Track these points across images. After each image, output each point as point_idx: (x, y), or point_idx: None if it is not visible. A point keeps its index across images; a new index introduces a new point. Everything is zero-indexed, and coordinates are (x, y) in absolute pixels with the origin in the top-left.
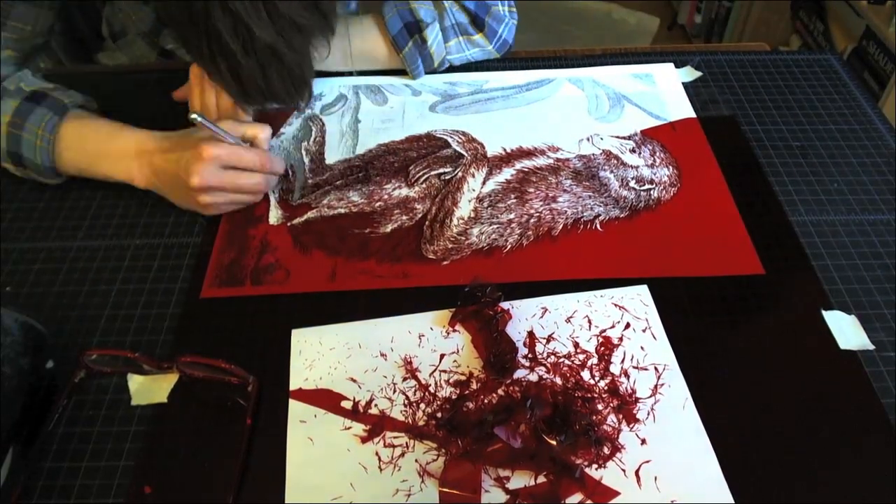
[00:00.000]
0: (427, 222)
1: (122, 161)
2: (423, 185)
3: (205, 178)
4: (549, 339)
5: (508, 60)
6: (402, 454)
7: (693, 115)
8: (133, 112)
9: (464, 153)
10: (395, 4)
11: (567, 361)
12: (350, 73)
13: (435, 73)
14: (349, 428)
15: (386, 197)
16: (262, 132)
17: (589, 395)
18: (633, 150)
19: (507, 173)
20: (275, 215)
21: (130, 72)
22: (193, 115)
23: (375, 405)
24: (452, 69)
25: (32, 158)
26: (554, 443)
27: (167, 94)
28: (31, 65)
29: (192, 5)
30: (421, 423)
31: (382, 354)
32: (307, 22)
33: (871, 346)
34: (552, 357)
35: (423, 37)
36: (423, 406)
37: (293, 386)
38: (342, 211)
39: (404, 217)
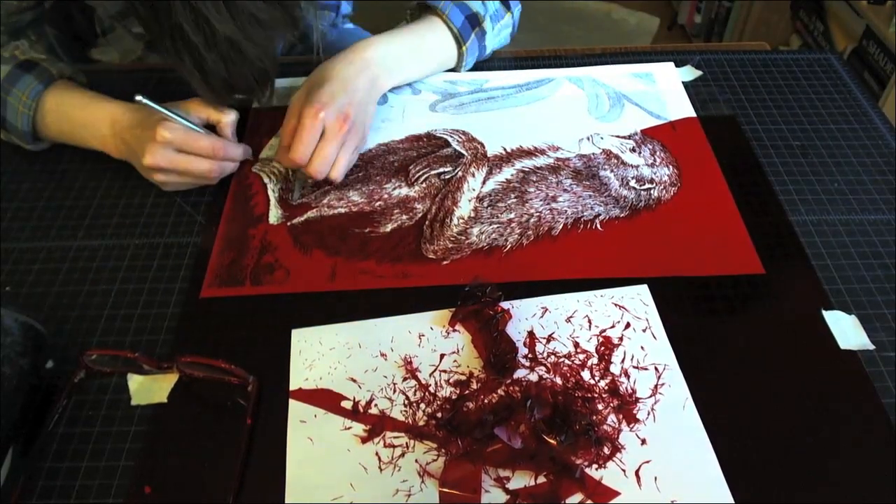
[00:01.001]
0: (427, 222)
1: (98, 131)
2: (423, 185)
3: (155, 159)
4: (550, 338)
5: (508, 60)
6: (402, 454)
7: (693, 114)
8: None
9: (464, 152)
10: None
11: (567, 361)
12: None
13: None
14: (349, 428)
15: (386, 196)
16: (226, 116)
17: (589, 395)
18: (633, 150)
19: (507, 173)
20: (275, 215)
21: (130, 70)
22: (139, 98)
23: (375, 405)
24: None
25: (14, 122)
26: (554, 443)
27: (165, 94)
28: (21, 39)
29: (155, 3)
30: (421, 423)
31: (382, 354)
32: (267, 16)
33: (872, 346)
34: (552, 357)
35: (482, 28)
36: (423, 406)
37: (293, 386)
38: (342, 210)
39: (404, 217)
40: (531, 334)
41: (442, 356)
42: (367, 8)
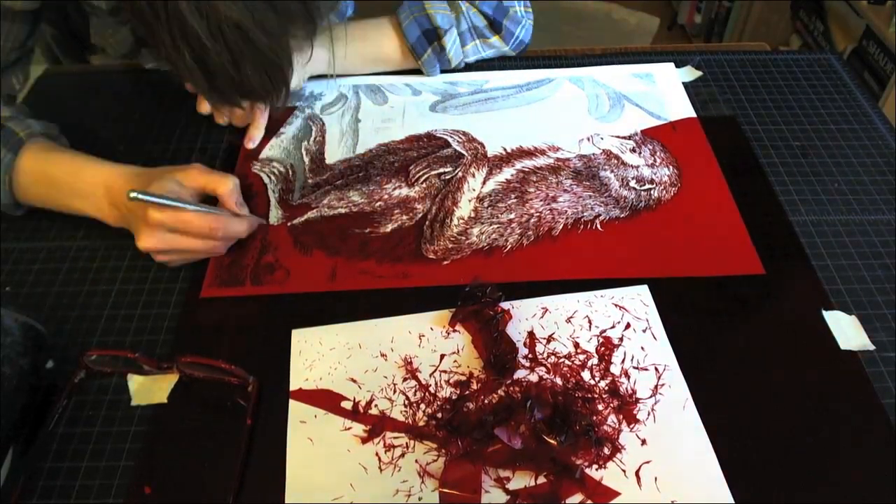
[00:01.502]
0: (427, 222)
1: (92, 198)
2: (424, 185)
3: (149, 243)
4: (550, 339)
5: (508, 60)
6: (403, 455)
7: (693, 114)
8: (131, 112)
9: (464, 153)
10: (410, 8)
11: (567, 362)
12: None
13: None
14: (349, 428)
15: (386, 197)
16: (223, 186)
17: (589, 396)
18: (633, 150)
19: (507, 173)
20: (275, 215)
21: (130, 71)
22: (134, 194)
23: (375, 405)
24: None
25: None
26: (554, 443)
27: (162, 97)
28: (6, 80)
29: None
30: (421, 423)
31: (382, 355)
32: (280, 1)
33: (872, 347)
34: (552, 357)
35: (441, 44)
36: (423, 406)
37: (293, 386)
38: (342, 211)
39: (404, 217)
40: (531, 335)
41: (442, 356)
42: (368, 8)
